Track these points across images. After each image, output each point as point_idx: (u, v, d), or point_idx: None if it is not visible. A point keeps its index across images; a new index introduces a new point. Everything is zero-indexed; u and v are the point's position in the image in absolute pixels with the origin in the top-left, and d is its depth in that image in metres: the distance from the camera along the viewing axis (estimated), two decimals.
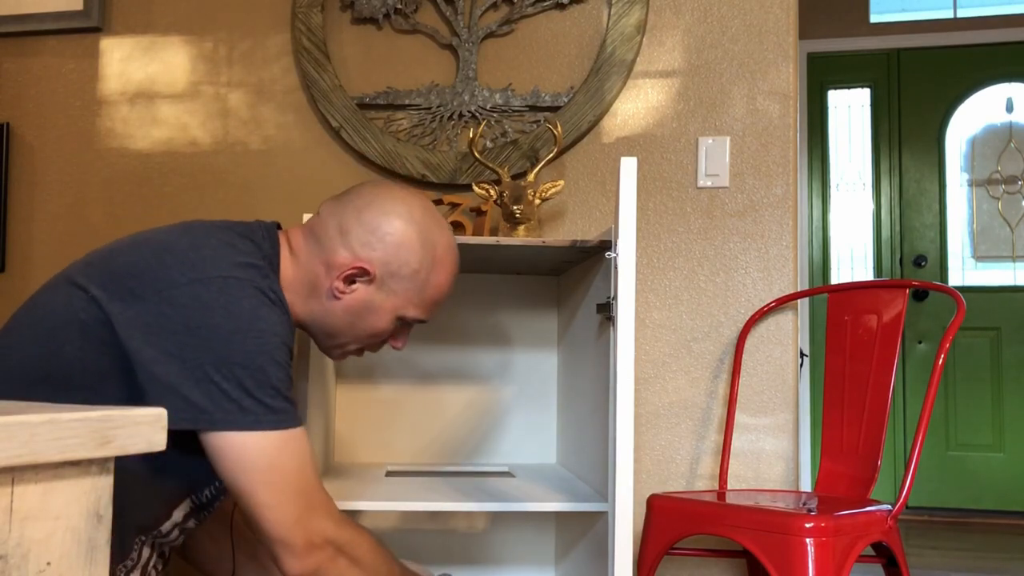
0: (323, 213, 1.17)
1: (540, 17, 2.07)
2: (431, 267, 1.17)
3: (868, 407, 1.73)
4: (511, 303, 2.01)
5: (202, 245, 1.04)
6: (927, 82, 4.02)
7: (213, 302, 0.98)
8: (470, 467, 1.90)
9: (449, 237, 1.20)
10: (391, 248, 1.14)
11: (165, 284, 1.00)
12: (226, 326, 0.98)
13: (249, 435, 0.97)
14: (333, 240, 1.14)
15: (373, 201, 1.15)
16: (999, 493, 3.82)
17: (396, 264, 1.14)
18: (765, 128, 1.99)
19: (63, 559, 0.57)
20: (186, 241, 1.05)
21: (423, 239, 1.16)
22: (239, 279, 1.01)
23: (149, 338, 0.97)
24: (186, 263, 1.01)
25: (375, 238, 1.13)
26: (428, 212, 1.18)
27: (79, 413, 0.58)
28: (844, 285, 1.85)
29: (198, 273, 1.00)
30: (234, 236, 1.09)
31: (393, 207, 1.15)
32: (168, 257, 1.03)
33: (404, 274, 1.15)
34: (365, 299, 1.15)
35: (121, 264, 1.03)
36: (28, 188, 2.20)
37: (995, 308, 3.89)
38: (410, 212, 1.16)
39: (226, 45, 2.16)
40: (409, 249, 1.15)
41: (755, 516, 1.46)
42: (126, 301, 0.99)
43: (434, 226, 1.18)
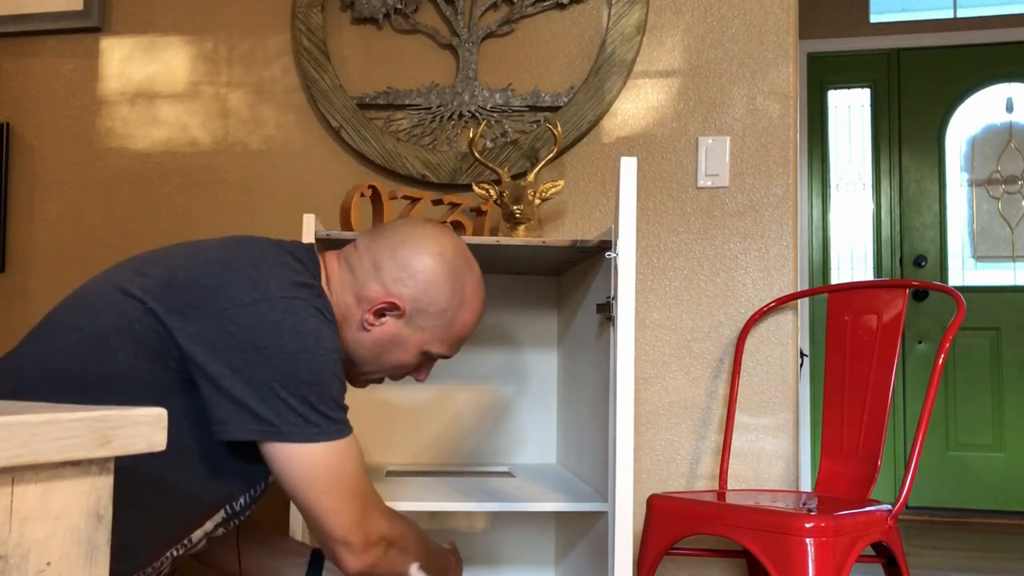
0: (359, 246, 1.21)
1: (540, 17, 2.07)
2: (459, 306, 1.21)
3: (868, 407, 1.73)
4: (511, 303, 2.01)
5: (260, 263, 1.08)
6: (927, 82, 4.02)
7: (280, 322, 1.03)
8: (470, 467, 1.90)
9: (478, 278, 1.24)
10: (421, 285, 1.18)
11: (229, 302, 1.03)
12: (293, 346, 1.02)
13: (315, 446, 1.03)
14: (367, 274, 1.18)
15: (407, 239, 1.19)
16: (999, 493, 3.82)
17: (425, 301, 1.18)
18: (765, 128, 1.99)
19: (63, 559, 0.57)
20: (244, 259, 1.08)
21: (453, 279, 1.20)
22: (302, 299, 1.06)
23: (214, 354, 1.01)
24: (248, 282, 1.05)
25: (407, 275, 1.17)
26: (460, 253, 1.22)
27: (79, 413, 0.58)
28: (844, 285, 1.85)
29: (262, 293, 1.04)
30: (285, 255, 1.12)
31: (426, 246, 1.19)
32: (228, 274, 1.06)
33: (432, 311, 1.19)
34: (393, 333, 1.19)
35: (180, 279, 1.06)
36: (28, 188, 2.20)
37: (995, 308, 3.89)
38: (442, 252, 1.20)
39: (226, 45, 2.16)
40: (438, 288, 1.19)
41: (755, 516, 1.46)
42: (187, 316, 1.03)
43: (464, 267, 1.22)
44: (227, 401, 1.01)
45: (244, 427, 1.01)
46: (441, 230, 1.23)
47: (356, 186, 1.70)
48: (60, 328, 1.06)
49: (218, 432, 1.02)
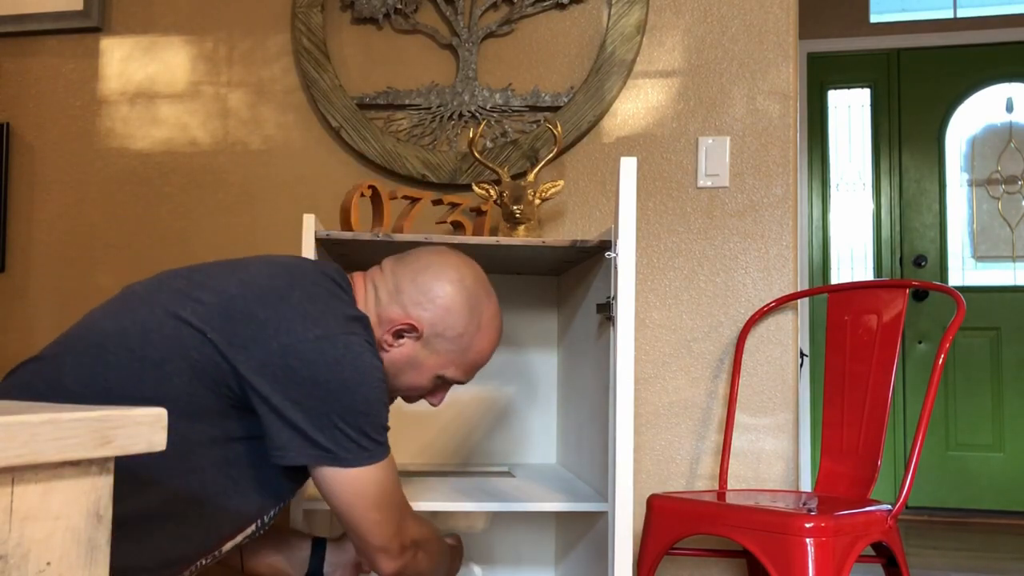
0: (385, 268, 1.27)
1: (540, 17, 2.07)
2: (475, 332, 1.26)
3: (868, 407, 1.73)
4: (511, 303, 2.01)
5: (315, 296, 1.13)
6: (927, 82, 4.02)
7: (341, 359, 1.09)
8: (470, 467, 1.90)
9: (495, 307, 1.29)
10: (440, 310, 1.23)
11: (291, 338, 1.08)
12: (352, 381, 1.09)
13: (366, 469, 1.11)
14: (390, 296, 1.24)
15: (429, 266, 1.25)
16: (999, 493, 3.82)
17: (443, 326, 1.23)
18: (765, 128, 1.99)
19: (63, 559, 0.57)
20: (299, 292, 1.13)
21: (471, 305, 1.25)
22: (356, 335, 1.12)
23: (276, 385, 1.07)
24: (308, 317, 1.10)
25: (426, 299, 1.23)
26: (479, 282, 1.28)
27: (79, 413, 0.58)
28: (844, 285, 1.85)
29: (323, 330, 1.09)
30: (332, 284, 1.18)
31: (446, 273, 1.25)
32: (287, 309, 1.11)
33: (449, 336, 1.24)
34: (410, 354, 1.24)
35: (238, 309, 1.10)
36: (28, 188, 2.20)
37: (995, 308, 3.89)
38: (462, 279, 1.25)
39: (226, 45, 2.16)
40: (456, 314, 1.24)
41: (755, 516, 1.46)
42: (248, 349, 1.07)
43: (483, 296, 1.27)
44: (288, 429, 1.07)
45: (303, 453, 1.08)
46: (463, 259, 1.28)
47: (356, 186, 1.70)
48: (109, 347, 1.08)
49: (276, 457, 1.08)
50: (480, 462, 1.98)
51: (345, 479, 1.11)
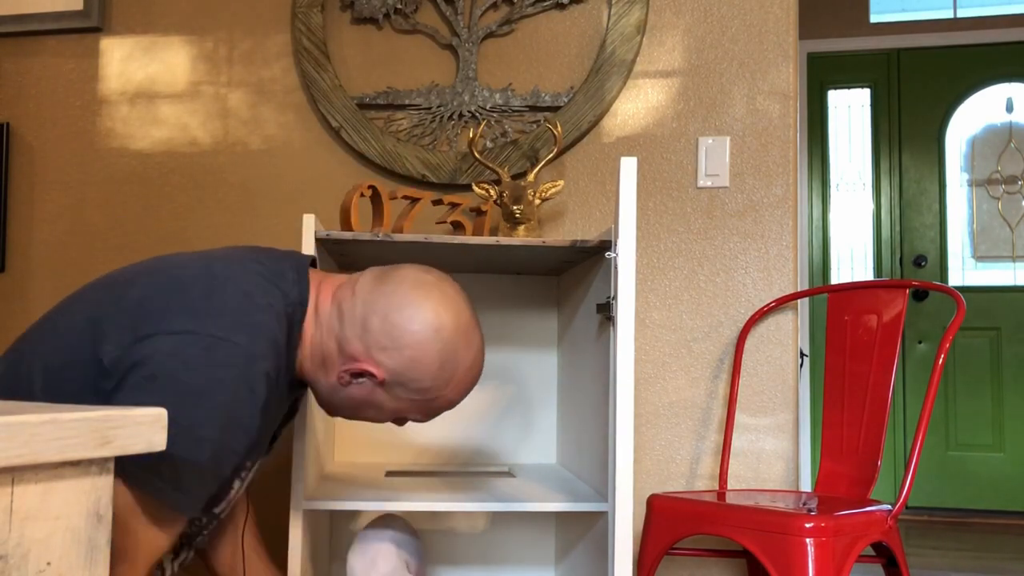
0: (357, 291, 1.11)
1: (540, 17, 2.07)
2: (444, 386, 1.12)
3: (868, 407, 1.73)
4: (511, 303, 2.01)
5: (218, 291, 1.00)
6: (927, 82, 4.02)
7: (188, 361, 0.94)
8: (470, 467, 1.90)
9: (473, 356, 1.14)
10: (407, 361, 1.08)
11: (161, 328, 0.97)
12: (186, 387, 0.93)
13: (139, 493, 0.94)
14: (354, 327, 1.08)
15: (406, 305, 1.09)
16: (999, 493, 3.82)
17: (407, 377, 1.09)
18: (765, 128, 1.99)
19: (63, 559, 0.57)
20: (202, 285, 1.01)
21: (443, 359, 1.10)
22: (236, 346, 0.96)
23: (123, 375, 0.95)
24: (190, 311, 0.98)
25: (394, 346, 1.08)
26: (459, 330, 1.11)
27: (79, 413, 0.58)
28: (844, 285, 1.85)
29: (195, 325, 0.96)
30: (261, 280, 1.04)
31: (424, 317, 1.08)
32: (178, 298, 0.99)
33: (413, 388, 1.11)
34: (368, 395, 1.12)
35: (133, 300, 1.00)
36: (28, 188, 2.20)
37: (995, 308, 3.89)
38: (439, 329, 1.09)
39: (226, 45, 2.16)
40: (425, 368, 1.09)
41: (755, 516, 1.46)
42: (128, 347, 0.97)
43: (462, 346, 1.11)
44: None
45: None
46: (447, 298, 1.11)
47: (356, 186, 1.70)
48: (37, 339, 1.03)
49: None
50: (480, 462, 1.98)
51: (119, 491, 0.93)
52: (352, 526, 1.95)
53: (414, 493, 1.50)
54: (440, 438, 1.98)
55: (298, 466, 1.45)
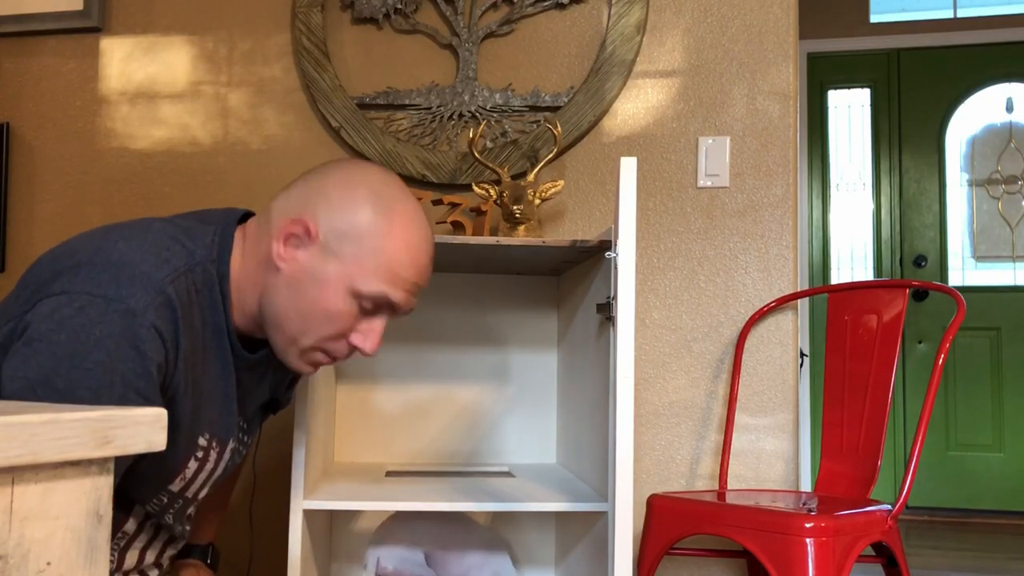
0: (269, 207, 1.10)
1: (540, 17, 2.07)
2: (385, 232, 1.03)
3: (868, 407, 1.73)
4: (511, 303, 2.01)
5: (103, 251, 0.96)
6: (927, 82, 4.02)
7: (64, 320, 0.90)
8: (470, 467, 1.90)
9: (411, 206, 1.07)
10: (335, 205, 1.03)
11: (43, 292, 0.93)
12: (62, 349, 0.89)
13: None
14: (269, 219, 1.06)
15: (327, 167, 1.08)
16: (999, 493, 3.82)
17: (341, 222, 1.02)
18: (765, 128, 1.99)
19: (63, 559, 0.57)
20: (91, 246, 0.97)
21: (375, 198, 1.04)
22: (115, 303, 0.91)
23: (12, 347, 0.92)
24: (74, 272, 0.93)
25: (320, 197, 1.04)
26: (388, 181, 1.07)
27: (79, 413, 0.58)
28: (844, 285, 1.85)
29: (74, 285, 0.92)
30: (160, 238, 0.99)
31: (345, 170, 1.06)
32: (66, 261, 0.96)
33: (351, 234, 1.02)
34: (308, 266, 1.03)
35: (32, 273, 0.98)
36: (28, 188, 2.20)
37: (995, 308, 3.89)
38: (364, 173, 1.06)
39: (226, 45, 2.16)
40: (356, 209, 1.03)
41: (755, 516, 1.46)
42: (19, 318, 0.93)
43: (395, 190, 1.06)
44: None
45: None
46: (377, 167, 1.09)
47: None
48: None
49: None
50: (480, 462, 1.98)
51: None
52: (352, 526, 1.95)
53: (414, 493, 1.50)
54: (440, 438, 1.98)
55: (298, 466, 1.45)
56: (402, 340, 1.99)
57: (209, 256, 1.03)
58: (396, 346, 1.99)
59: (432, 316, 2.00)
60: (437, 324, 2.00)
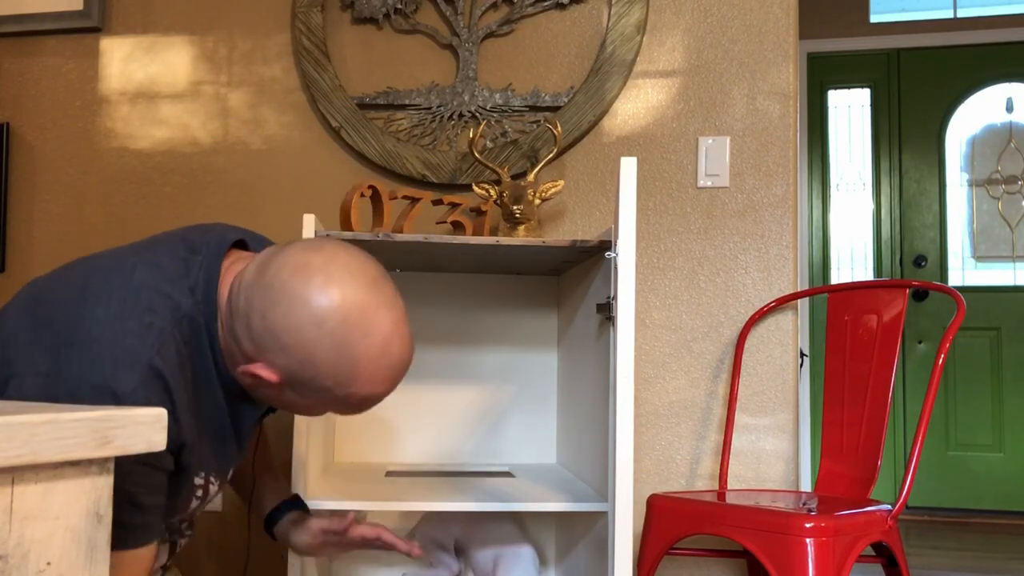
0: (244, 278, 0.98)
1: (540, 17, 2.07)
2: (351, 382, 0.96)
3: (868, 407, 1.73)
4: (511, 303, 2.01)
5: (84, 321, 0.93)
6: (927, 82, 4.02)
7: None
8: (470, 467, 1.90)
9: (381, 343, 0.96)
10: (296, 363, 0.95)
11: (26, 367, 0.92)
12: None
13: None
14: (241, 324, 0.97)
15: (282, 298, 0.94)
16: (999, 493, 3.82)
17: (304, 377, 0.96)
18: (765, 128, 1.99)
19: (63, 559, 0.57)
20: (70, 313, 0.94)
21: (337, 354, 0.94)
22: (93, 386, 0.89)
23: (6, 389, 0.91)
24: (52, 348, 0.92)
25: (278, 347, 0.94)
26: (351, 319, 0.94)
27: (79, 413, 0.58)
28: (844, 285, 1.85)
29: (56, 366, 0.90)
30: (144, 295, 0.95)
31: (303, 311, 0.93)
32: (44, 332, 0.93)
33: (314, 386, 0.97)
34: (277, 394, 1.00)
35: (8, 331, 0.95)
36: (28, 188, 2.20)
37: (995, 308, 3.89)
38: (322, 322, 0.93)
39: (226, 45, 2.16)
40: (318, 367, 0.95)
41: (755, 516, 1.46)
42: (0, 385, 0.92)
43: (357, 336, 0.94)
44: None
45: None
46: (335, 283, 0.94)
47: (356, 186, 1.70)
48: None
49: None
50: (480, 462, 1.98)
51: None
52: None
53: (414, 493, 1.50)
54: (440, 438, 1.98)
55: (298, 466, 1.45)
56: None
57: (195, 301, 0.99)
58: None
59: (432, 316, 2.00)
60: (437, 324, 2.00)
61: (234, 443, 1.12)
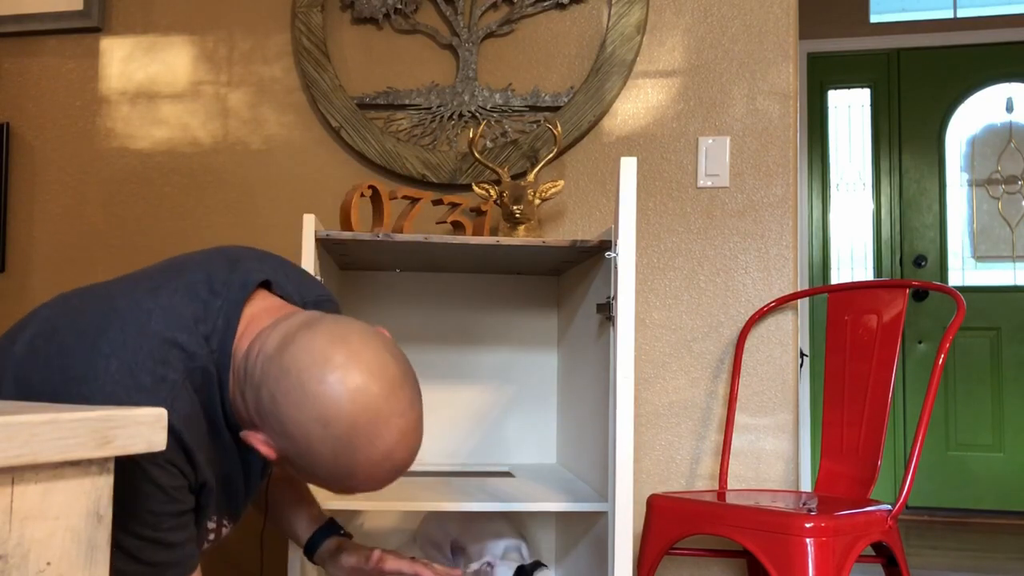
0: (264, 346, 0.96)
1: (540, 17, 2.07)
2: (345, 478, 0.95)
3: (868, 407, 1.73)
4: (511, 303, 2.01)
5: (101, 376, 0.92)
6: (927, 82, 4.02)
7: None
8: (470, 467, 1.90)
9: (386, 449, 0.94)
10: (296, 450, 0.94)
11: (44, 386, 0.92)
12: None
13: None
14: (252, 391, 0.96)
15: (295, 388, 0.92)
16: (999, 493, 3.82)
17: (300, 463, 0.95)
18: (765, 128, 1.99)
19: (63, 559, 0.57)
20: (82, 367, 0.92)
21: (336, 456, 0.93)
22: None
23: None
24: (82, 380, 0.91)
25: (281, 431, 0.94)
26: (359, 425, 0.92)
27: (79, 413, 0.58)
28: (844, 285, 1.85)
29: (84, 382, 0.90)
30: (157, 346, 0.94)
31: (312, 408, 0.91)
32: (58, 379, 0.92)
33: (309, 471, 0.96)
34: (276, 461, 1.00)
35: (21, 378, 0.94)
36: (28, 188, 2.20)
37: (995, 308, 3.89)
38: (328, 424, 0.91)
39: (226, 45, 2.16)
40: (316, 461, 0.94)
41: (755, 516, 1.46)
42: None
43: (363, 442, 0.92)
44: None
45: None
46: (352, 385, 0.91)
47: (356, 186, 1.70)
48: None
49: None
50: (480, 462, 1.98)
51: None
52: (352, 526, 1.95)
53: (414, 493, 1.50)
54: (440, 438, 1.98)
55: None
56: (402, 340, 1.99)
57: (209, 349, 0.98)
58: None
59: (432, 316, 2.00)
60: (437, 324, 2.00)
61: (243, 484, 1.11)
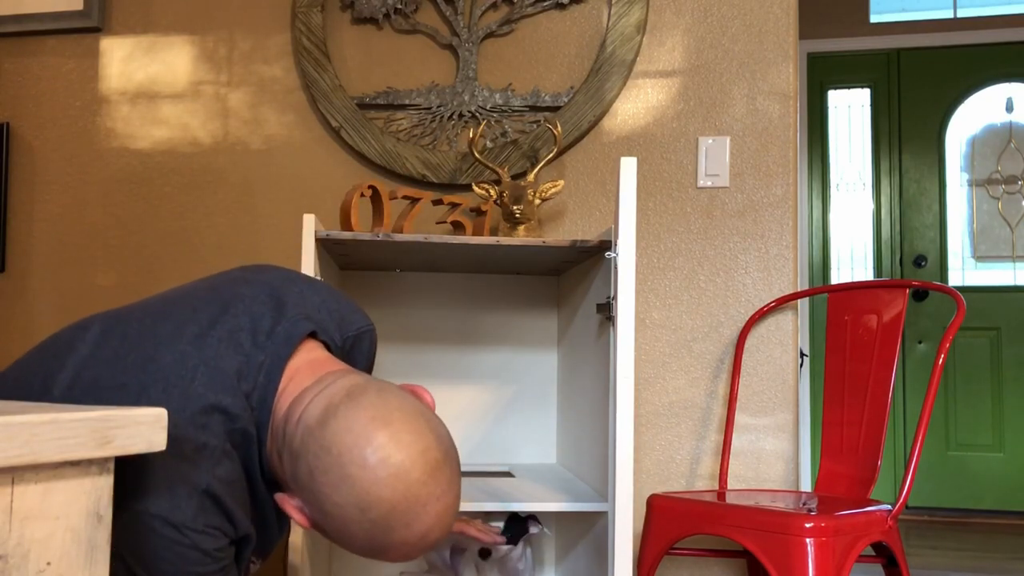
0: (306, 414, 0.94)
1: (540, 17, 2.07)
2: (377, 554, 0.95)
3: (868, 407, 1.73)
4: (511, 303, 2.01)
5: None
6: (927, 82, 4.02)
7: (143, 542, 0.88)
8: (470, 467, 1.90)
9: (418, 535, 0.92)
10: (330, 527, 0.94)
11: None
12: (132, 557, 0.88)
13: None
14: (290, 459, 0.95)
15: (335, 467, 0.90)
16: (999, 493, 3.82)
17: (333, 537, 0.95)
18: (765, 128, 1.99)
19: (63, 559, 0.57)
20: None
21: (371, 538, 0.92)
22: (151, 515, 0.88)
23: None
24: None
25: (317, 506, 0.92)
26: (398, 510, 0.90)
27: (79, 413, 0.58)
28: (844, 285, 1.85)
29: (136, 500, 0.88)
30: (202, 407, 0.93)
31: (350, 492, 0.90)
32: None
33: (341, 542, 0.96)
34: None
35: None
36: (28, 188, 2.20)
37: (995, 308, 3.89)
38: (366, 510, 0.90)
39: (226, 45, 2.16)
40: (349, 541, 0.93)
41: (755, 516, 1.46)
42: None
43: (399, 525, 0.91)
44: None
45: None
46: (393, 469, 0.89)
47: (356, 186, 1.70)
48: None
49: None
50: (480, 462, 1.98)
51: None
52: None
53: None
54: None
55: None
56: (402, 340, 1.99)
57: (249, 407, 0.97)
58: (396, 346, 1.99)
59: (432, 316, 2.00)
60: (437, 324, 2.00)
61: (276, 527, 1.11)
